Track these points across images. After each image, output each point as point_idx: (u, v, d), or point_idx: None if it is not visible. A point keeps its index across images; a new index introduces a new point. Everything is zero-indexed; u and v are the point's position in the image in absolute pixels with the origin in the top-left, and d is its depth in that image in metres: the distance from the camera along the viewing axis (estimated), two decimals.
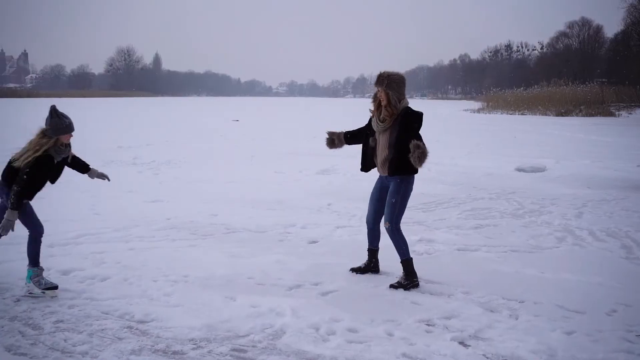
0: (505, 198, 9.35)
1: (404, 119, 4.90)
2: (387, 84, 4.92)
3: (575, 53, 74.88)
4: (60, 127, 4.77)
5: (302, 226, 7.16)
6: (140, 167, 12.57)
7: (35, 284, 4.69)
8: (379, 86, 4.99)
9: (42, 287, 4.68)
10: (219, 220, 7.42)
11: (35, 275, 4.72)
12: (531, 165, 13.12)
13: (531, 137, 22.59)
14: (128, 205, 8.25)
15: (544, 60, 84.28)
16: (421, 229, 7.13)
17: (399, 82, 4.95)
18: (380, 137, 5.04)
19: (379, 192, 5.22)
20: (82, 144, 18.12)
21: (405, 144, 4.81)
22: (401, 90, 4.96)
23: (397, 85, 4.93)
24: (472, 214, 8.04)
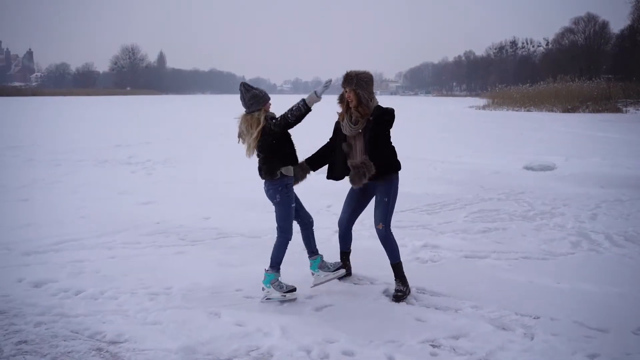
0: (514, 198, 8.89)
1: (377, 118, 4.61)
2: (357, 83, 4.61)
3: (581, 49, 74.16)
4: (260, 95, 4.64)
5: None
6: (135, 166, 12.16)
7: (276, 288, 4.60)
8: (347, 86, 4.67)
9: (283, 291, 4.59)
10: (211, 224, 6.99)
11: (275, 280, 4.65)
12: (540, 163, 12.64)
13: (538, 134, 22.09)
14: (117, 208, 7.83)
15: (549, 57, 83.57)
16: (426, 233, 6.68)
17: (367, 81, 4.66)
18: (355, 141, 4.70)
19: (360, 194, 4.93)
20: (80, 142, 17.91)
21: (382, 143, 4.66)
22: (370, 89, 4.69)
23: (366, 84, 4.64)
24: (480, 216, 7.59)
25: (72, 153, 14.35)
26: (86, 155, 13.96)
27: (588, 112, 41.52)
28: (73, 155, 13.84)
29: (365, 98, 4.59)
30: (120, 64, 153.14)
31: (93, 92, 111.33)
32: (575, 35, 78.62)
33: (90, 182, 9.98)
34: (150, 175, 10.81)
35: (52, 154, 14.25)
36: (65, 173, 11.00)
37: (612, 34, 75.38)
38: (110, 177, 10.52)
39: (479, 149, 16.06)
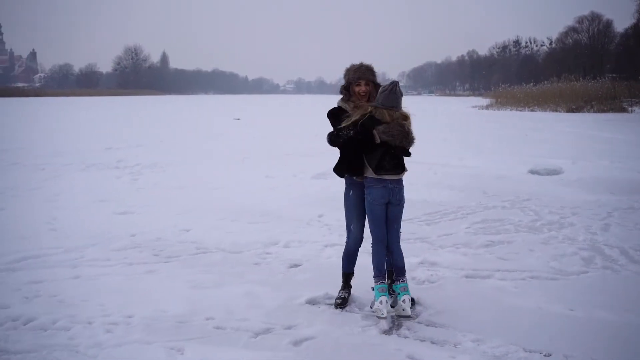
0: (519, 206, 8.33)
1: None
2: (372, 74, 4.52)
3: (585, 48, 73.49)
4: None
5: (285, 244, 6.18)
6: (122, 171, 11.62)
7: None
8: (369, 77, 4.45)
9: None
10: (191, 237, 6.44)
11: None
12: (546, 167, 12.06)
13: (543, 135, 21.48)
14: (92, 219, 7.28)
15: (552, 56, 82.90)
16: (424, 247, 6.12)
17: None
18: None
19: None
20: (70, 144, 17.37)
21: None
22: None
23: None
24: (483, 228, 7.03)
25: (60, 156, 13.83)
26: (73, 158, 13.42)
27: (593, 112, 40.84)
28: (60, 159, 13.31)
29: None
30: (123, 64, 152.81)
31: (95, 92, 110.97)
32: (579, 34, 77.98)
33: (70, 188, 9.44)
34: (135, 181, 10.27)
35: (39, 157, 13.73)
36: (47, 178, 10.47)
37: (616, 32, 74.76)
38: (92, 183, 9.99)
39: (482, 151, 15.49)
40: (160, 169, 11.91)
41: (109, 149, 15.71)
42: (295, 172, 11.34)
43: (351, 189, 4.44)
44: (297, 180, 10.44)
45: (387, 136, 4.18)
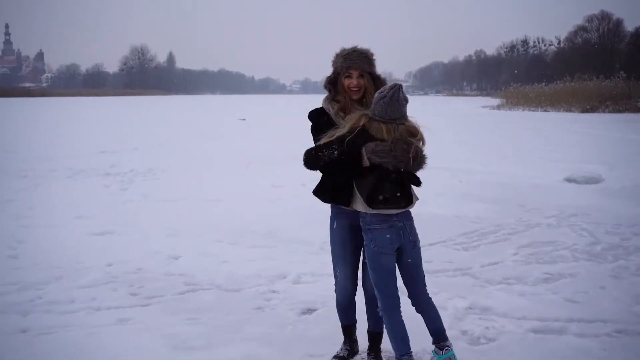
0: (567, 224, 7.11)
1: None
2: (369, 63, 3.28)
3: (595, 47, 72.15)
4: None
5: (295, 278, 4.98)
6: (112, 178, 10.44)
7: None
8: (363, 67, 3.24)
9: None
10: (179, 268, 5.25)
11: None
12: (583, 174, 10.83)
13: (565, 136, 20.20)
14: (64, 242, 6.10)
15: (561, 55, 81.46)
16: (467, 283, 4.91)
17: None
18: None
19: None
20: (62, 148, 16.20)
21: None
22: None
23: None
24: (533, 254, 5.81)
25: (47, 161, 12.68)
26: (62, 164, 12.27)
27: (608, 112, 39.56)
28: (46, 164, 12.16)
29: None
30: (129, 64, 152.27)
31: (101, 92, 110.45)
32: (589, 33, 76.65)
33: (47, 201, 8.27)
34: (123, 192, 9.08)
35: (25, 161, 12.58)
36: (24, 188, 9.31)
37: (626, 31, 73.48)
38: (74, 195, 8.81)
39: (506, 156, 14.24)
40: (154, 176, 10.72)
41: (103, 153, 14.57)
42: (304, 180, 10.09)
43: (336, 219, 3.31)
44: (306, 191, 9.13)
45: (380, 157, 2.98)
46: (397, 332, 3.13)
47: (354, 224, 3.22)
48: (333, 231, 3.32)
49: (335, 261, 3.35)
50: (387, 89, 3.05)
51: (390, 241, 3.09)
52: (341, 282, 3.33)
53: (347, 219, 3.24)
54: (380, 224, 3.07)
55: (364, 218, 3.12)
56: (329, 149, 3.03)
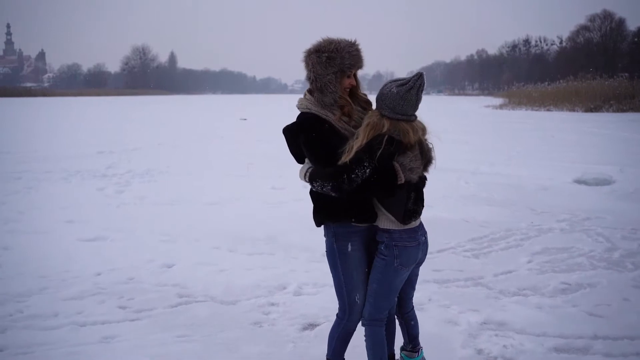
0: (581, 228, 6.78)
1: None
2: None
3: (597, 47, 71.78)
4: None
5: (297, 289, 4.67)
6: (109, 180, 10.12)
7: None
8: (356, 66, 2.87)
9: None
10: (172, 277, 4.94)
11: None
12: (594, 176, 10.48)
13: (571, 136, 19.86)
14: (52, 248, 5.78)
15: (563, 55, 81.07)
16: (480, 295, 4.59)
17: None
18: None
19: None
20: (60, 147, 15.88)
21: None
22: None
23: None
24: (548, 261, 5.49)
25: (43, 162, 12.37)
26: (58, 165, 11.96)
27: (612, 112, 39.22)
28: (42, 165, 11.85)
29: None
30: (131, 64, 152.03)
31: (103, 92, 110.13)
32: (591, 32, 76.25)
33: (39, 204, 7.96)
34: (118, 195, 8.76)
35: (20, 162, 12.28)
36: (17, 190, 8.99)
37: (628, 31, 73.09)
38: (68, 197, 8.49)
39: (512, 156, 13.91)
40: (152, 178, 10.40)
41: (101, 153, 14.25)
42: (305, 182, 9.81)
43: (349, 241, 2.87)
44: (307, 194, 8.89)
45: (415, 173, 2.70)
46: (380, 347, 2.93)
47: (368, 240, 2.91)
48: (347, 256, 2.88)
49: (351, 287, 2.92)
50: (409, 79, 2.69)
51: (415, 258, 2.84)
52: (360, 307, 2.94)
53: (362, 236, 2.88)
54: (410, 241, 2.79)
55: (390, 234, 2.79)
56: (361, 167, 2.62)
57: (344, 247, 2.87)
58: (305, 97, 2.87)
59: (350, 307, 2.94)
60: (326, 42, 2.82)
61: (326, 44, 2.81)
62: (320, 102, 2.79)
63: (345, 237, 2.87)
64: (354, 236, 2.87)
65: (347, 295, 2.93)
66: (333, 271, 2.95)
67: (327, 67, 2.76)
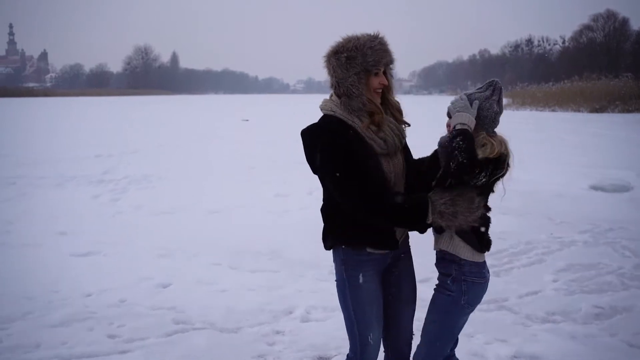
0: (605, 241, 6.37)
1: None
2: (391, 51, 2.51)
3: (600, 46, 71.34)
4: None
5: (303, 314, 4.25)
6: (104, 187, 9.72)
7: None
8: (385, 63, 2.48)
9: None
10: (168, 299, 4.53)
11: None
12: (610, 181, 10.08)
13: (580, 138, 19.41)
14: (40, 264, 5.38)
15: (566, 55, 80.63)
16: (507, 321, 4.17)
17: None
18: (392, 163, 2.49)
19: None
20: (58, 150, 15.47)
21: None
22: None
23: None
24: (575, 279, 5.08)
25: (40, 166, 11.97)
26: (54, 169, 11.55)
27: (618, 112, 38.74)
28: (38, 170, 11.45)
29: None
30: (133, 64, 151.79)
31: (105, 92, 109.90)
32: (594, 32, 75.82)
33: (30, 213, 7.56)
34: (114, 203, 8.36)
35: (16, 167, 11.88)
36: (9, 198, 8.60)
37: (632, 31, 72.67)
38: (61, 206, 8.09)
39: (523, 160, 13.41)
40: (150, 184, 10.00)
41: (98, 157, 13.84)
42: (310, 187, 9.37)
43: (361, 270, 2.49)
44: (313, 200, 8.48)
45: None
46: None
47: (381, 269, 2.53)
48: (357, 288, 2.49)
49: (364, 325, 2.51)
50: (492, 90, 2.46)
51: (481, 298, 2.51)
52: (375, 349, 2.54)
53: (376, 265, 2.50)
54: (479, 277, 2.45)
55: (461, 267, 2.43)
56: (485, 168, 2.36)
57: (354, 279, 2.48)
58: (330, 99, 2.49)
59: (363, 348, 2.54)
60: (344, 41, 2.44)
61: (344, 42, 2.44)
62: (347, 107, 2.41)
63: (356, 267, 2.48)
64: (366, 265, 2.48)
65: (359, 335, 2.53)
66: (343, 305, 2.55)
67: (348, 69, 2.39)
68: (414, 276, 2.65)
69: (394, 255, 2.54)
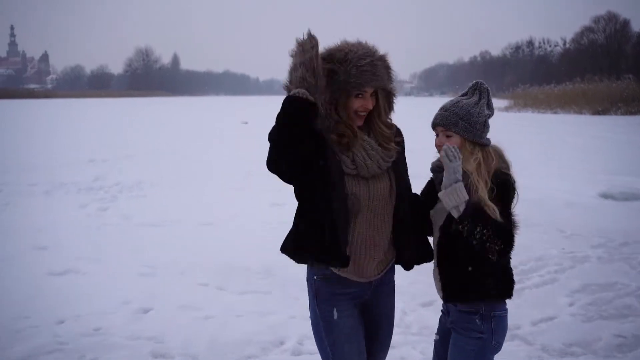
0: (621, 257, 5.97)
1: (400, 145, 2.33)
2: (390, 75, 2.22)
3: (601, 48, 71.06)
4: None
5: (295, 346, 3.84)
6: (93, 195, 9.33)
7: None
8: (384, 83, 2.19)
9: None
10: (148, 327, 4.12)
11: None
12: (620, 189, 9.70)
13: (584, 141, 19.03)
14: (13, 285, 4.96)
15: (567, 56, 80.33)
16: (521, 353, 3.76)
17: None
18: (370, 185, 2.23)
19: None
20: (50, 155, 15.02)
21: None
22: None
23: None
24: (592, 303, 4.67)
25: (30, 172, 11.58)
26: (44, 175, 11.16)
27: (620, 114, 38.42)
28: (27, 177, 11.04)
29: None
30: (134, 65, 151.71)
31: (106, 94, 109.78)
32: (595, 34, 75.54)
33: (10, 226, 7.16)
34: (101, 214, 7.96)
35: (5, 173, 11.49)
36: None
37: (633, 32, 72.42)
38: (45, 217, 7.69)
39: (528, 165, 13.02)
40: (141, 192, 9.60)
41: (91, 162, 13.48)
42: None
43: (332, 304, 2.23)
44: None
45: None
46: None
47: (358, 303, 2.26)
48: (332, 324, 2.19)
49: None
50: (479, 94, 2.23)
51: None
52: None
53: (352, 298, 2.24)
54: (504, 308, 2.23)
55: (490, 299, 2.14)
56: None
57: (328, 314, 2.21)
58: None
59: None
60: (336, 49, 2.14)
61: (335, 50, 2.14)
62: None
63: (328, 300, 2.21)
64: (340, 299, 2.21)
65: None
66: (319, 345, 2.26)
67: (327, 83, 2.09)
68: (394, 317, 2.40)
69: (375, 289, 2.26)
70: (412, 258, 2.31)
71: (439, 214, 2.24)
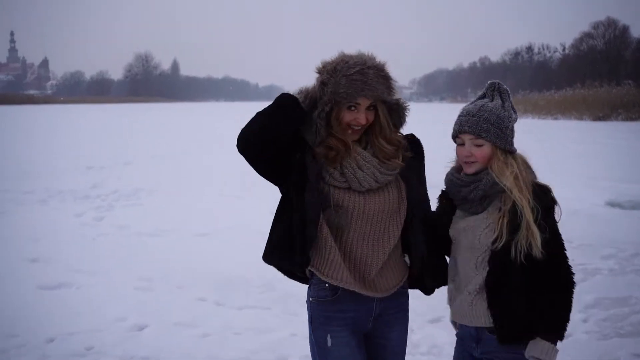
0: (633, 269, 5.79)
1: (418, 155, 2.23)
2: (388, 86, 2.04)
3: (600, 54, 71.17)
4: None
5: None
6: (90, 203, 9.15)
7: None
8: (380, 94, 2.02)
9: None
10: (142, 346, 3.92)
11: None
12: (627, 197, 9.54)
13: (586, 148, 18.89)
14: (2, 300, 4.78)
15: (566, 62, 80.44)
16: None
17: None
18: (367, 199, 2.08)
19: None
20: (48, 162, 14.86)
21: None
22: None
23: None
24: (607, 319, 4.48)
25: (27, 180, 11.38)
26: (40, 183, 10.97)
27: (621, 120, 38.34)
28: (24, 184, 10.84)
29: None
30: (134, 71, 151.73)
31: (105, 100, 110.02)
32: (595, 40, 75.66)
33: (6, 235, 6.97)
34: (97, 222, 7.77)
35: (2, 180, 11.30)
36: None
37: (632, 38, 72.58)
38: (41, 226, 7.50)
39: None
40: (139, 200, 9.42)
41: (89, 169, 13.32)
42: None
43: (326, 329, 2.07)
44: None
45: None
46: None
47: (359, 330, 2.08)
48: (326, 351, 2.04)
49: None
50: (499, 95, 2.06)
51: None
52: None
53: (350, 324, 2.08)
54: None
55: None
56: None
57: (321, 340, 2.05)
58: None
59: None
60: (330, 60, 2.04)
61: (329, 61, 2.03)
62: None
63: (323, 324, 2.06)
64: (335, 323, 2.04)
65: None
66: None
67: (320, 95, 1.98)
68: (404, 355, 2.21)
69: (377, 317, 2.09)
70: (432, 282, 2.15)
71: (463, 234, 2.03)
